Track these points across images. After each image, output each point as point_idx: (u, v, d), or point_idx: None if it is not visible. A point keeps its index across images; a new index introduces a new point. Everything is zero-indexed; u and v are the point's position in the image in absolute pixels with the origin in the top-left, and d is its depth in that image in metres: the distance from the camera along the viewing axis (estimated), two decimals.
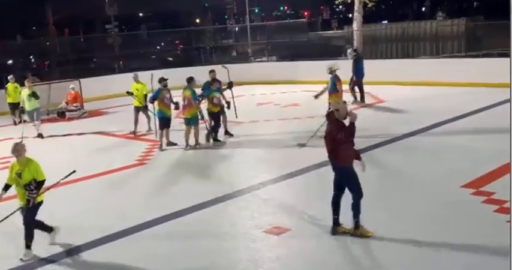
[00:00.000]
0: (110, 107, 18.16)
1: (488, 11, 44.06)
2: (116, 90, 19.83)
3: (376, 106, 15.08)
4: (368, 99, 15.67)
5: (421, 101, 15.23)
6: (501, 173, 8.03)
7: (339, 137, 6.07)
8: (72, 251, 6.36)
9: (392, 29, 27.12)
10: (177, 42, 32.72)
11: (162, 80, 11.41)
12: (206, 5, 58.89)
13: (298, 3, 65.77)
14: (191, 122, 11.14)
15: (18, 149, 6.21)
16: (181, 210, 7.52)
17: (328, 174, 8.64)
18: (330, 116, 6.33)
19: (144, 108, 12.90)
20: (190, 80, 11.45)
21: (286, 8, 74.36)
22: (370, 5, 24.24)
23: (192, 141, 11.20)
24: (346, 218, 6.30)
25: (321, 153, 9.96)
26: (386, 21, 36.88)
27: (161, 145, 11.32)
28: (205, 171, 9.66)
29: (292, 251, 6.07)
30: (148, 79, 12.44)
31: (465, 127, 11.60)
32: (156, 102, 11.31)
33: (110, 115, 17.19)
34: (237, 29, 38.62)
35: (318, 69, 18.13)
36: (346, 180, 6.22)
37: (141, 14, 62.38)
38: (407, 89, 17.48)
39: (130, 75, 14.15)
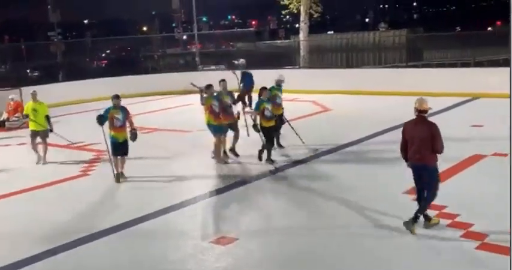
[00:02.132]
0: (53, 116, 17.62)
1: (427, 23, 45.84)
2: (59, 98, 19.36)
3: (321, 115, 15.35)
4: (313, 108, 15.94)
5: (365, 110, 15.63)
6: (441, 180, 8.34)
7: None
8: (15, 264, 6.13)
9: (337, 39, 27.82)
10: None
11: (113, 98, 9.58)
12: (153, 12, 58.41)
13: (246, 13, 66.30)
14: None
15: None
16: (127, 222, 7.38)
17: (271, 184, 8.81)
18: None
19: (44, 134, 11.04)
20: (209, 87, 10.34)
21: (234, 17, 74.82)
22: (316, 15, 24.75)
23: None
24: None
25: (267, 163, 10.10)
26: (331, 32, 37.71)
27: (117, 175, 9.44)
28: (151, 181, 9.53)
29: (239, 260, 6.06)
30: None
31: None
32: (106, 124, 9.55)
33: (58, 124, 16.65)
34: (184, 37, 38.49)
35: (265, 78, 18.37)
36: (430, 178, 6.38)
37: (85, 21, 61.14)
38: (351, 98, 17.89)
39: (76, 83, 13.74)
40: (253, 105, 11.97)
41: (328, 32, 39.56)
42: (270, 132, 9.95)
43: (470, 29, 35.09)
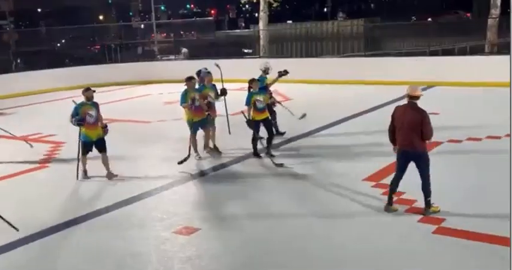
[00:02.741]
0: (8, 108, 17.13)
1: (384, 12, 46.56)
2: (14, 89, 18.82)
3: (283, 104, 15.40)
4: (276, 98, 15.98)
5: (324, 99, 15.80)
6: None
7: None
8: None
9: (296, 29, 27.89)
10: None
11: (85, 91, 8.87)
12: (109, 1, 57.17)
13: (204, 2, 65.72)
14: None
15: None
16: (88, 214, 7.27)
17: (233, 174, 8.82)
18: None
19: None
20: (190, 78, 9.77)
21: (192, 6, 74.05)
22: (275, 5, 24.78)
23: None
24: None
25: (227, 153, 10.12)
26: (290, 21, 37.81)
27: (85, 172, 8.95)
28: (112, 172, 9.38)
29: (202, 250, 6.06)
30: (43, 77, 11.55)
31: (364, 123, 12.19)
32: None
33: (7, 116, 16.20)
34: (142, 26, 37.89)
35: (225, 68, 18.29)
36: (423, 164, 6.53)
37: (39, 10, 59.32)
38: (311, 87, 18.06)
39: (32, 73, 13.37)
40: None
41: (288, 22, 39.66)
42: (267, 125, 9.48)
43: (426, 19, 35.83)
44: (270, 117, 9.77)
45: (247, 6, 47.99)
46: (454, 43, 24.21)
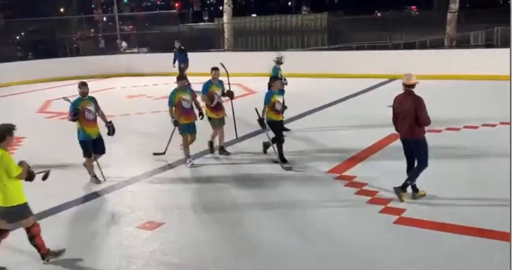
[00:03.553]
0: None
1: (347, 6, 47.00)
2: None
3: (247, 97, 15.43)
4: (239, 91, 15.98)
5: (288, 92, 15.83)
6: (360, 159, 8.73)
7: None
8: None
9: (261, 22, 27.94)
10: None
11: (81, 86, 8.07)
12: None
13: None
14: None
15: None
16: (50, 209, 7.14)
17: (197, 170, 8.76)
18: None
19: None
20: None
21: None
22: None
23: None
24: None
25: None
26: (255, 15, 37.82)
27: (95, 177, 8.19)
28: (74, 167, 9.20)
29: (166, 245, 6.04)
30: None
31: (327, 117, 12.32)
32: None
33: None
34: (104, 18, 37.20)
35: (189, 61, 18.21)
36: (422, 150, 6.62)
37: None
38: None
39: None
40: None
41: (252, 15, 39.65)
42: (280, 127, 8.99)
43: (388, 13, 36.41)
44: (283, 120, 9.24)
45: None
46: (415, 37, 24.67)
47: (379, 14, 38.13)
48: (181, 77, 9.20)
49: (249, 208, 6.99)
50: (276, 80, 8.93)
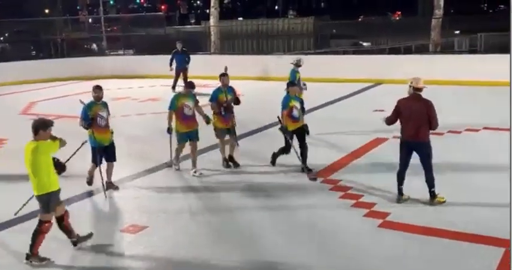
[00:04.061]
0: None
1: (333, 11, 47.30)
2: None
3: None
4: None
5: (274, 95, 15.85)
6: (345, 163, 8.76)
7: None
8: None
9: (247, 26, 27.97)
10: None
11: (95, 90, 7.73)
12: None
13: None
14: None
15: None
16: (29, 213, 7.04)
17: (180, 174, 8.70)
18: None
19: None
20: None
21: (142, 1, 72.81)
22: (226, 1, 24.71)
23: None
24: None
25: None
26: (242, 18, 37.86)
27: (104, 186, 7.66)
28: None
29: (149, 249, 5.99)
30: None
31: (314, 119, 12.33)
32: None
33: None
34: (90, 20, 36.99)
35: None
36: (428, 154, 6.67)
37: None
38: (262, 84, 18.13)
39: None
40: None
41: (239, 19, 39.71)
42: (301, 135, 8.33)
43: (373, 19, 36.68)
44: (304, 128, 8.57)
45: (198, 2, 47.67)
46: (400, 42, 24.88)
47: (359, 19, 38.29)
48: (191, 85, 8.54)
49: (234, 213, 6.97)
50: (294, 86, 8.51)
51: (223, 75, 8.71)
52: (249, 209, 7.01)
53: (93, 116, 7.51)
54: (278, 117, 8.32)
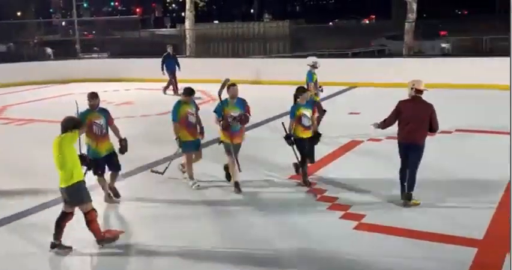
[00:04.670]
0: None
1: (308, 15, 47.65)
2: None
3: (209, 104, 15.38)
4: (202, 98, 15.94)
5: (250, 98, 15.87)
6: (321, 165, 8.81)
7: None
8: None
9: (223, 29, 28.01)
10: None
11: (90, 98, 7.26)
12: None
13: (129, 0, 64.21)
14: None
15: None
16: (4, 218, 6.92)
17: (165, 174, 8.63)
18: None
19: None
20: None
21: (117, 3, 72.20)
22: (201, 4, 24.68)
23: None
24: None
25: (153, 154, 9.93)
26: (217, 21, 37.85)
27: (109, 195, 7.46)
28: (29, 174, 8.95)
29: (125, 254, 5.94)
30: None
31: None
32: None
33: None
34: (63, 23, 36.56)
35: (150, 67, 18.04)
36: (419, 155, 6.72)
37: None
38: (238, 87, 18.10)
39: None
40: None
41: (214, 22, 39.66)
42: (307, 144, 7.83)
43: (345, 22, 37.08)
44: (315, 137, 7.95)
45: (173, 5, 47.50)
46: (374, 45, 25.22)
47: (330, 23, 38.51)
48: (190, 91, 7.96)
49: (211, 218, 6.95)
50: (304, 92, 7.90)
51: (232, 86, 8.02)
52: (226, 214, 7.00)
53: (88, 124, 7.00)
54: (282, 123, 7.85)
